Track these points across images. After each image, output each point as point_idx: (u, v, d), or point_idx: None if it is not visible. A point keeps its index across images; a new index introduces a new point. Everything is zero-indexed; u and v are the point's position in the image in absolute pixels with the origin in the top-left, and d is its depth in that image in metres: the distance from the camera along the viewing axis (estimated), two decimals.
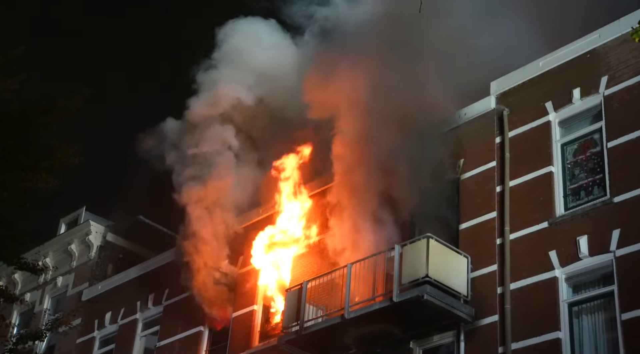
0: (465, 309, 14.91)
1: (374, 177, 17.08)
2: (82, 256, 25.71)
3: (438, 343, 15.42)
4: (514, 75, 16.63)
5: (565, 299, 14.18)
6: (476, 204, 15.97)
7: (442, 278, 14.86)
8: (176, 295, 21.30)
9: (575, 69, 15.69)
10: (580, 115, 15.52)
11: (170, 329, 21.17)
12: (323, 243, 18.33)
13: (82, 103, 15.52)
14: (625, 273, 13.45)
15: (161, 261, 22.70)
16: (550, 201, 14.97)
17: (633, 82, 14.71)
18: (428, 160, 16.38)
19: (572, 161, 15.39)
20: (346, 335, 16.01)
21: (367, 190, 17.20)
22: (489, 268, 15.17)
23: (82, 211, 27.27)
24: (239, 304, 19.48)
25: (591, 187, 14.87)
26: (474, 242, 15.63)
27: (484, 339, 14.65)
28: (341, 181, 17.72)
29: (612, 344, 13.38)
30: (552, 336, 13.87)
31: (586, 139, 15.35)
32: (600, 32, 15.50)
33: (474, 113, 16.89)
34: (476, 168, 16.36)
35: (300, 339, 16.37)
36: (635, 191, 13.86)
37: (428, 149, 16.48)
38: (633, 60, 14.80)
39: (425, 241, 14.99)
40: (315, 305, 16.50)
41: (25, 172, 14.94)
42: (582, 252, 14.08)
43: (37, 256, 21.77)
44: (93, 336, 23.52)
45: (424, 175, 16.22)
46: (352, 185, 17.52)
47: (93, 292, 24.35)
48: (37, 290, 26.18)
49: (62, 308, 24.42)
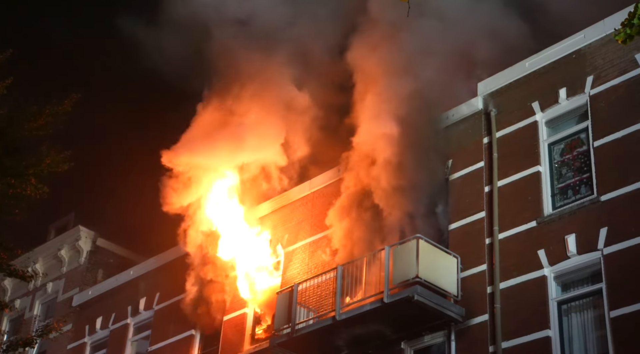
0: (456, 309, 14.99)
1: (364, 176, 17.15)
2: (72, 261, 25.65)
3: (429, 343, 15.48)
4: (501, 75, 16.73)
5: (555, 297, 14.27)
6: (465, 204, 16.06)
7: (432, 279, 14.93)
8: (167, 299, 21.30)
9: (561, 69, 15.81)
10: (566, 115, 15.63)
11: (161, 334, 21.16)
12: (314, 244, 18.39)
13: (70, 109, 15.52)
14: (613, 270, 13.56)
15: (152, 265, 22.69)
16: (538, 201, 15.07)
17: (618, 81, 14.83)
18: (420, 159, 16.46)
19: (560, 160, 15.50)
20: (338, 337, 16.05)
21: (358, 190, 17.27)
22: (479, 267, 15.25)
23: (72, 216, 27.22)
24: (231, 308, 19.49)
25: (578, 186, 14.98)
26: (463, 242, 15.71)
27: (474, 338, 14.73)
28: (333, 183, 17.78)
29: (601, 342, 13.49)
30: (542, 334, 13.96)
31: (573, 139, 15.47)
32: (585, 32, 15.62)
33: (462, 114, 16.98)
34: (465, 169, 16.45)
35: (292, 341, 16.40)
36: (622, 189, 13.98)
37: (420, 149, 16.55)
38: (618, 59, 14.92)
39: (415, 241, 15.06)
40: (307, 307, 16.55)
41: (14, 179, 14.90)
42: (571, 251, 14.18)
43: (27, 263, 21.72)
44: (84, 342, 23.47)
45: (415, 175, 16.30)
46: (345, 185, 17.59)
47: (84, 297, 24.29)
48: (27, 296, 26.10)
49: (53, 314, 24.37)
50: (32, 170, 15.08)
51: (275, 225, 19.74)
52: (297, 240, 19.10)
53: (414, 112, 16.57)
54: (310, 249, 18.62)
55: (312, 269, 18.15)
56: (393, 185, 16.46)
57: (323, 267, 17.67)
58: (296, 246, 19.03)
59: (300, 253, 18.85)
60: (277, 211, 19.91)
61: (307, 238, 18.85)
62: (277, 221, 19.78)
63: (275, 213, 19.93)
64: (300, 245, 18.95)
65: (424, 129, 16.64)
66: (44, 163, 15.15)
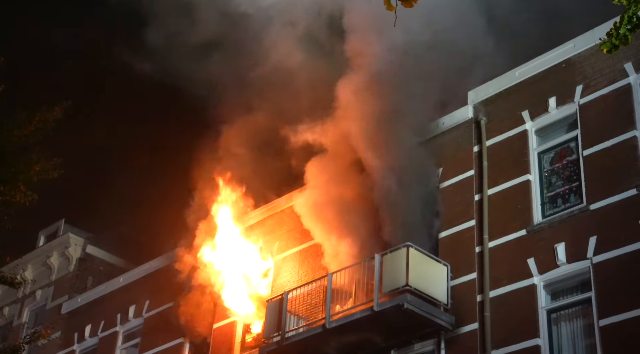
0: (446, 318, 14.99)
1: (355, 186, 17.16)
2: (62, 269, 25.55)
3: (419, 351, 15.47)
4: (491, 84, 16.80)
5: (544, 306, 14.29)
6: (455, 212, 16.08)
7: (422, 287, 14.94)
8: (157, 307, 21.24)
9: (550, 78, 15.87)
10: (556, 124, 15.69)
11: (151, 342, 21.09)
12: (305, 252, 18.38)
13: (61, 116, 15.49)
14: (602, 279, 13.60)
15: (141, 273, 22.63)
16: (528, 210, 15.11)
17: (608, 90, 14.90)
18: (409, 169, 16.48)
19: (549, 169, 15.54)
20: (327, 345, 16.03)
21: (348, 199, 17.27)
22: (469, 276, 15.27)
23: (62, 223, 27.12)
24: (220, 316, 19.44)
25: (568, 195, 15.03)
26: (453, 250, 15.73)
27: (464, 347, 14.73)
28: (322, 191, 17.77)
29: (590, 350, 13.50)
30: (532, 343, 13.98)
31: (562, 147, 15.52)
32: (574, 41, 15.70)
33: (452, 123, 17.02)
34: (455, 177, 16.48)
35: (282, 349, 16.37)
36: (611, 198, 14.03)
37: (409, 158, 16.58)
38: (607, 69, 15.00)
39: (405, 250, 15.06)
40: (297, 315, 16.52)
41: (3, 185, 14.85)
42: (560, 259, 14.21)
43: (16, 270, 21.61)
44: (73, 349, 23.37)
45: (405, 184, 16.31)
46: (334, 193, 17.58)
47: (73, 305, 24.20)
48: (15, 303, 25.98)
49: (42, 322, 24.26)
50: (22, 177, 15.03)
51: (266, 233, 19.72)
52: (287, 247, 19.08)
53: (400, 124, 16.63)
54: (300, 257, 18.60)
55: (302, 277, 18.13)
56: (383, 192, 16.47)
57: (313, 275, 17.66)
58: (286, 254, 19.01)
59: (290, 261, 18.84)
60: (267, 219, 19.90)
61: (297, 246, 18.84)
62: (267, 229, 19.76)
63: (265, 221, 19.91)
64: (291, 252, 18.93)
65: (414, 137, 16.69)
66: (34, 170, 15.12)
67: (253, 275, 19.16)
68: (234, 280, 18.99)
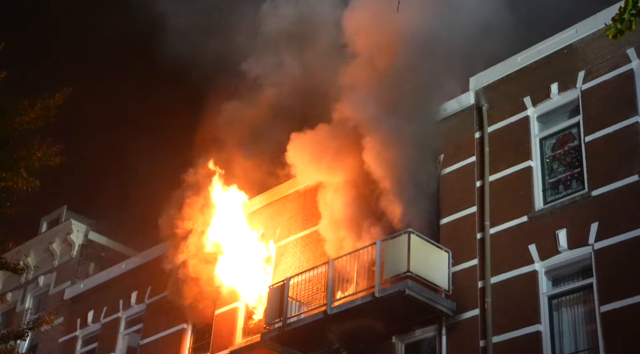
0: (447, 304, 15.02)
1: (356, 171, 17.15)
2: (64, 255, 25.63)
3: (420, 337, 15.52)
4: (493, 70, 16.74)
5: (545, 292, 14.31)
6: (456, 199, 16.08)
7: (424, 273, 14.96)
8: (159, 293, 21.30)
9: (552, 64, 15.82)
10: (558, 110, 15.65)
11: (153, 327, 21.16)
12: (306, 239, 18.40)
13: (63, 102, 15.48)
14: (603, 265, 13.61)
15: (143, 259, 22.68)
16: (529, 196, 15.11)
17: (610, 76, 14.85)
18: (411, 155, 16.46)
19: (551, 155, 15.53)
20: (329, 331, 16.07)
21: (349, 186, 17.27)
22: (470, 262, 15.29)
23: (64, 210, 27.18)
24: (222, 302, 19.50)
25: (569, 181, 15.02)
26: (454, 237, 15.74)
27: (465, 333, 14.77)
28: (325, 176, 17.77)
29: (591, 336, 13.54)
30: (533, 329, 14.01)
31: (564, 133, 15.50)
32: (577, 27, 15.64)
33: (454, 109, 16.99)
34: (456, 163, 16.47)
35: (283, 335, 16.42)
36: (613, 184, 14.02)
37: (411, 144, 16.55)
38: (609, 54, 14.95)
39: (407, 236, 15.07)
40: (298, 301, 16.56)
41: (5, 172, 14.87)
42: (562, 245, 14.22)
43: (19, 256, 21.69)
44: (76, 335, 23.47)
45: (407, 170, 16.30)
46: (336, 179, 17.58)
47: (75, 291, 24.28)
48: (18, 289, 26.07)
49: (44, 308, 24.34)
50: (24, 163, 15.04)
51: (267, 220, 19.74)
52: (289, 234, 19.11)
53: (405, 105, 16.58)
54: (302, 243, 18.63)
55: (304, 263, 18.17)
56: (384, 179, 16.47)
57: (315, 261, 17.69)
58: (288, 241, 19.04)
59: (292, 247, 18.86)
60: (268, 206, 19.92)
61: (299, 233, 18.87)
62: (268, 216, 19.78)
63: (266, 208, 19.93)
64: (292, 239, 18.96)
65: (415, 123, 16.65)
66: (36, 157, 15.13)
67: (255, 261, 19.19)
68: (236, 266, 19.03)
